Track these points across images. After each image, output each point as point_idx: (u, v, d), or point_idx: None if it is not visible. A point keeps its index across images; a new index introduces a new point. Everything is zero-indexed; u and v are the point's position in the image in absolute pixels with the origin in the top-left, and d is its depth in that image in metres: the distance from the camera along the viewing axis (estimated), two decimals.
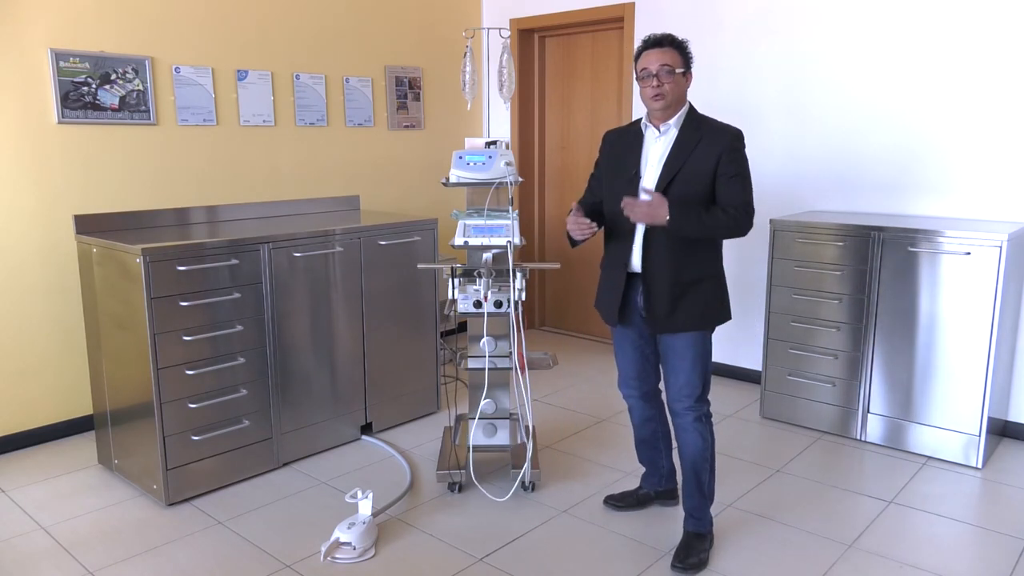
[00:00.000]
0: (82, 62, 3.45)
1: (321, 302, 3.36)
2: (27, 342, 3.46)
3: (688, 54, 2.47)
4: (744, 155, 2.45)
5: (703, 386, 2.56)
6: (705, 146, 2.42)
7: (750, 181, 2.47)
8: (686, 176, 2.42)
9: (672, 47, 2.45)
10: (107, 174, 3.60)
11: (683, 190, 2.42)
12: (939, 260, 3.24)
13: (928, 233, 3.26)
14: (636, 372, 2.71)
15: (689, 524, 2.63)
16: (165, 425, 2.91)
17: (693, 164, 2.42)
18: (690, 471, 2.59)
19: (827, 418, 3.64)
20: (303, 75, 4.29)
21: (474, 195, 3.05)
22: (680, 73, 2.44)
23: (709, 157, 2.41)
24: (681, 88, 2.46)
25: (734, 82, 4.20)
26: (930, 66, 3.59)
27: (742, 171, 2.43)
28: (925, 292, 3.29)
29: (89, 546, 2.68)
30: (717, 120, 2.52)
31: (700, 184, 2.42)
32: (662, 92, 2.42)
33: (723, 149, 2.42)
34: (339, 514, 2.87)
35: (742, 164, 2.44)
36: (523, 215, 5.29)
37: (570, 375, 4.55)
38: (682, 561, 2.53)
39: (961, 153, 3.55)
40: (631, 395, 2.77)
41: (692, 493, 2.60)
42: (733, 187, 2.41)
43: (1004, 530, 2.78)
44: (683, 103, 2.50)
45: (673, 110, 2.47)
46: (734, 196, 2.41)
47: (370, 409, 3.64)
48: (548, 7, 4.94)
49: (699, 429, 2.55)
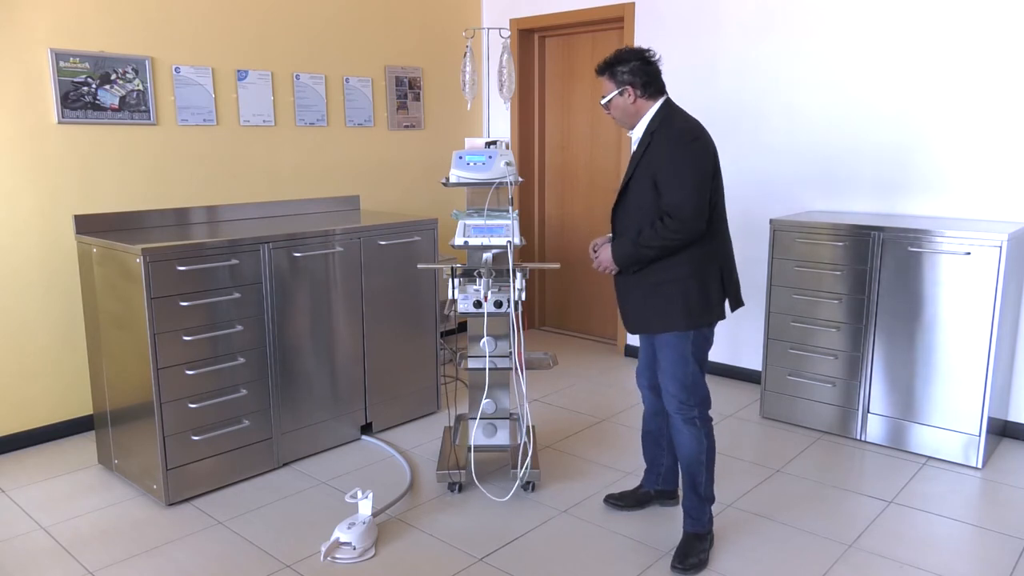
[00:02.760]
0: (82, 62, 3.45)
1: (321, 302, 3.36)
2: (27, 342, 3.46)
3: (619, 71, 2.49)
4: (685, 152, 2.40)
5: (688, 389, 2.53)
6: (653, 148, 2.46)
7: (686, 178, 2.39)
8: (639, 179, 2.48)
9: (605, 73, 2.54)
10: (107, 174, 3.60)
11: (636, 193, 2.49)
12: (939, 260, 3.24)
13: (928, 233, 3.26)
14: (646, 363, 2.76)
15: (687, 524, 2.63)
16: (165, 425, 2.91)
17: (643, 168, 2.47)
18: (685, 471, 2.61)
19: (827, 418, 3.64)
20: (303, 75, 4.29)
21: (474, 195, 3.05)
22: (616, 95, 2.51)
23: (654, 159, 2.44)
24: (623, 107, 2.53)
25: (734, 82, 4.20)
26: (930, 66, 3.59)
27: (675, 169, 2.39)
28: (925, 292, 3.29)
29: (89, 546, 2.68)
30: (677, 116, 2.50)
31: (646, 188, 2.45)
32: (613, 117, 2.61)
33: (660, 152, 2.43)
34: (339, 514, 2.87)
35: (678, 162, 2.40)
36: (523, 215, 5.30)
37: (570, 375, 4.55)
38: (681, 561, 2.53)
39: (961, 153, 3.55)
40: (642, 384, 2.81)
41: (688, 493, 2.61)
42: (665, 188, 2.40)
43: (1004, 530, 2.78)
44: (638, 115, 2.53)
45: (632, 122, 2.55)
46: (666, 198, 2.41)
47: (370, 409, 3.64)
48: (548, 7, 4.95)
49: (690, 432, 2.56)
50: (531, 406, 4.03)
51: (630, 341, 4.91)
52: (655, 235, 2.41)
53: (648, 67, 2.50)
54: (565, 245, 5.37)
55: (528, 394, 4.18)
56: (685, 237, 2.41)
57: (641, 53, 2.51)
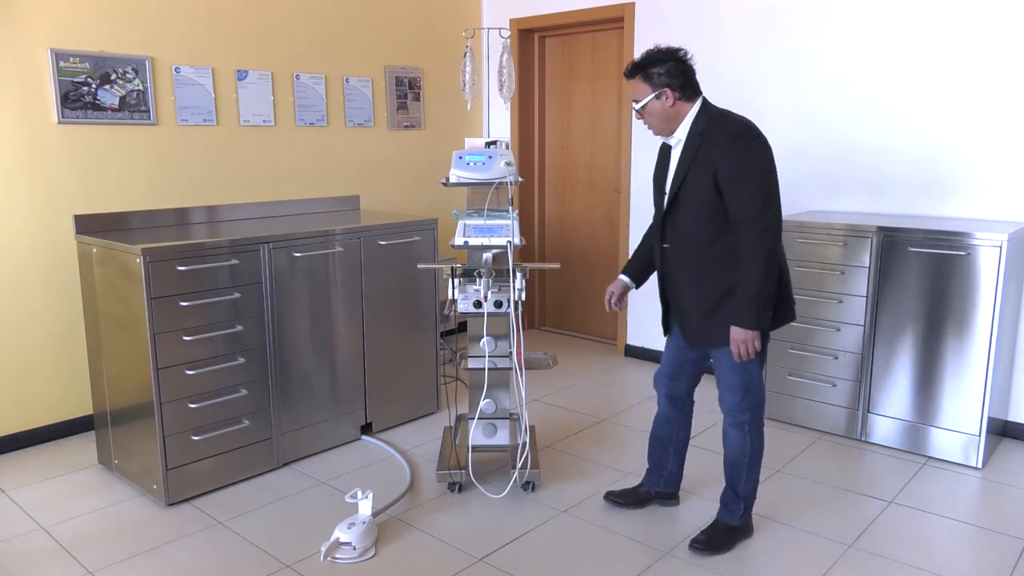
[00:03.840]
0: (82, 62, 3.45)
1: (321, 302, 3.36)
2: (27, 342, 3.46)
3: (655, 74, 2.37)
4: (748, 149, 2.30)
5: (743, 394, 2.51)
6: (705, 150, 2.35)
7: (760, 176, 2.29)
8: (690, 186, 2.38)
9: (637, 75, 2.41)
10: (107, 174, 3.60)
11: (692, 196, 2.38)
12: (939, 260, 3.24)
13: (928, 233, 3.26)
14: (670, 372, 2.75)
15: (720, 512, 2.69)
16: (165, 425, 2.91)
17: (695, 173, 2.37)
18: (727, 468, 2.64)
19: (827, 418, 3.64)
20: (303, 75, 4.29)
21: (474, 195, 3.05)
22: (653, 99, 2.39)
23: (707, 162, 2.33)
24: (659, 112, 2.40)
25: (735, 82, 4.20)
26: (930, 66, 3.59)
27: (744, 169, 2.28)
28: (925, 292, 3.29)
29: (89, 546, 2.68)
30: (728, 116, 2.40)
31: (704, 192, 2.34)
32: (646, 124, 2.47)
33: (718, 151, 2.32)
34: (339, 514, 2.87)
35: (743, 161, 2.28)
36: (523, 215, 5.29)
37: (570, 375, 4.55)
38: (702, 541, 2.59)
39: (961, 153, 3.55)
40: (660, 392, 2.80)
41: (727, 487, 2.66)
42: (736, 194, 2.29)
43: (1004, 530, 2.78)
44: (677, 119, 2.41)
45: (670, 127, 2.44)
46: (738, 207, 2.29)
47: (370, 409, 3.64)
48: (548, 7, 4.94)
49: (737, 435, 2.57)
50: (531, 406, 4.03)
51: (630, 341, 4.90)
52: (752, 261, 2.26)
53: (684, 66, 2.39)
54: (565, 245, 5.37)
55: (528, 394, 4.18)
56: (772, 242, 2.27)
57: (675, 52, 2.39)
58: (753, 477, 2.62)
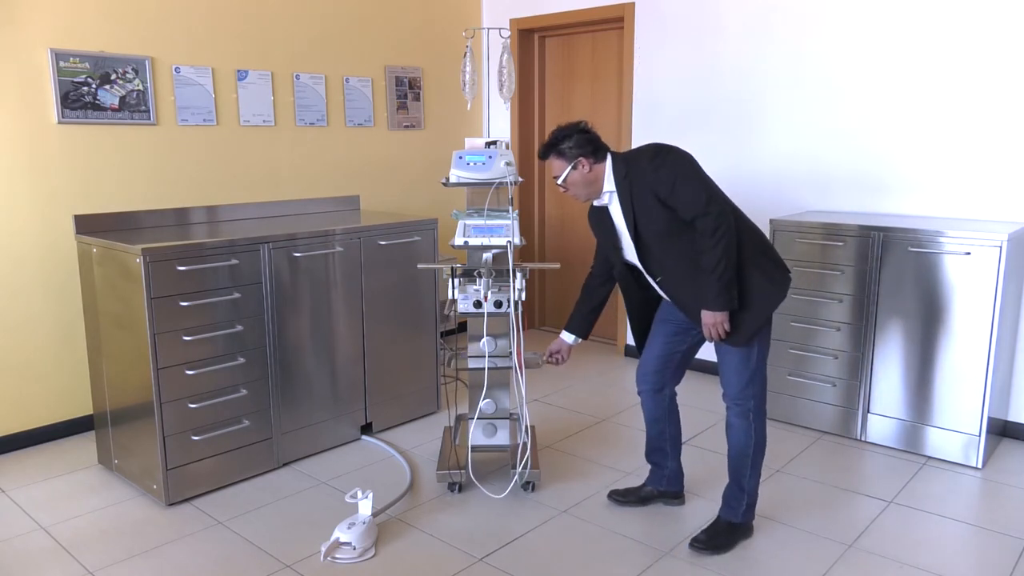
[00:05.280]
0: (82, 62, 3.45)
1: (321, 302, 3.36)
2: (27, 342, 3.46)
3: (566, 149, 2.50)
4: (670, 160, 2.43)
5: (747, 383, 2.54)
6: (637, 185, 2.46)
7: (690, 175, 2.41)
8: (644, 221, 2.47)
9: (551, 154, 2.55)
10: (107, 174, 3.60)
11: (652, 231, 2.47)
12: (939, 260, 3.24)
13: (928, 233, 3.26)
14: (656, 367, 2.76)
15: (722, 510, 2.68)
16: (165, 425, 2.91)
17: (641, 207, 2.46)
18: (731, 462, 2.65)
19: (827, 418, 3.64)
20: (303, 75, 4.29)
21: (474, 195, 3.05)
22: (571, 171, 2.51)
23: (644, 191, 2.44)
24: (581, 180, 2.52)
25: (735, 82, 4.20)
26: (930, 66, 3.59)
27: (675, 175, 2.40)
28: (925, 292, 3.29)
29: (89, 546, 2.68)
30: (638, 149, 2.53)
31: (658, 218, 2.44)
32: (572, 194, 2.58)
33: (647, 180, 2.43)
34: (339, 514, 2.87)
35: (671, 170, 2.41)
36: (523, 215, 5.29)
37: (570, 375, 4.55)
38: (703, 541, 2.59)
39: (961, 153, 3.55)
40: (644, 390, 2.81)
41: (730, 482, 2.66)
42: (680, 197, 2.39)
43: (1004, 530, 2.78)
44: (598, 180, 2.53)
45: (596, 189, 2.55)
46: (687, 207, 2.38)
47: (370, 409, 3.64)
48: (548, 7, 4.95)
49: (741, 425, 2.59)
50: (531, 406, 4.03)
51: (630, 341, 4.91)
52: (712, 250, 2.35)
53: (589, 135, 2.54)
54: (565, 245, 5.37)
55: (528, 394, 4.18)
56: (725, 228, 2.36)
57: (577, 125, 2.54)
58: (757, 471, 2.63)
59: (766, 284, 2.48)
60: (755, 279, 2.46)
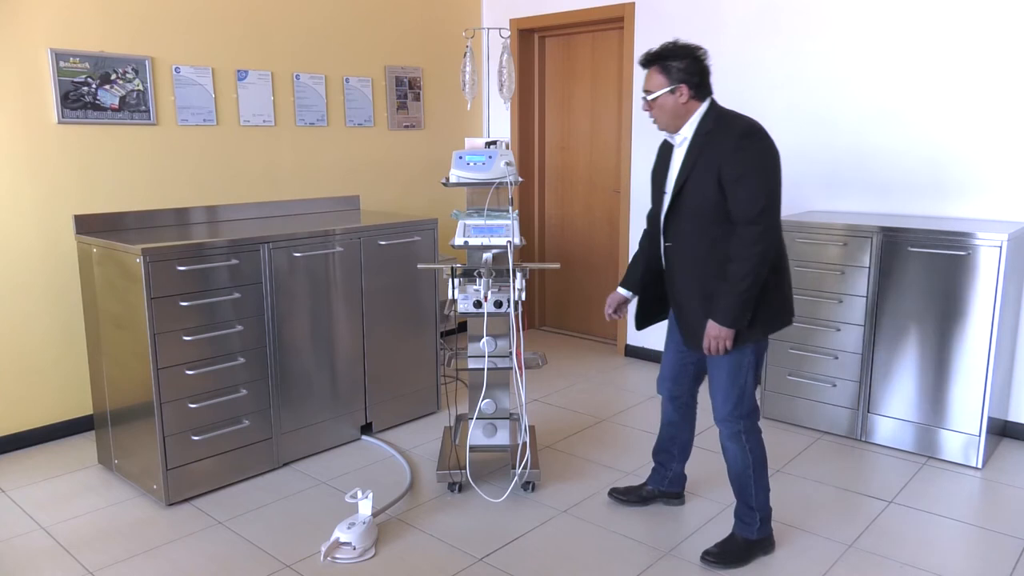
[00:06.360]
0: (82, 62, 3.45)
1: (321, 302, 3.36)
2: (27, 342, 3.46)
3: (673, 67, 2.31)
4: (753, 151, 2.26)
5: (735, 402, 2.45)
6: (709, 152, 2.31)
7: (762, 179, 2.26)
8: (693, 186, 2.34)
9: (654, 66, 2.36)
10: (107, 174, 3.60)
11: (694, 195, 2.34)
12: (939, 260, 3.24)
13: (928, 233, 3.26)
14: (672, 374, 2.73)
15: (736, 526, 2.60)
16: (165, 425, 2.91)
17: (698, 173, 2.33)
18: (733, 483, 2.56)
19: (827, 418, 3.64)
20: (303, 75, 4.29)
21: (474, 195, 3.05)
22: (666, 93, 2.33)
23: (711, 163, 2.30)
24: (670, 107, 2.35)
25: (735, 82, 4.20)
26: (930, 66, 3.59)
27: (747, 171, 2.24)
28: (925, 292, 3.29)
29: (89, 546, 2.68)
30: (735, 116, 2.36)
31: (707, 193, 2.30)
32: (653, 118, 2.42)
33: (723, 151, 2.27)
34: (339, 514, 2.87)
35: (747, 163, 2.25)
36: (523, 215, 5.30)
37: (570, 375, 4.55)
38: (715, 554, 2.52)
39: (961, 153, 3.55)
40: (663, 394, 2.78)
41: (738, 502, 2.57)
42: (737, 195, 2.25)
43: (1004, 530, 2.78)
44: (686, 116, 2.36)
45: (677, 124, 2.39)
46: (739, 207, 2.25)
47: (370, 409, 3.63)
48: (548, 7, 4.94)
49: (734, 448, 2.50)
50: (531, 406, 4.03)
51: (630, 341, 4.90)
52: (744, 261, 2.23)
53: (702, 65, 2.34)
54: (565, 245, 5.37)
55: (528, 394, 4.18)
56: (767, 246, 2.24)
57: (695, 50, 2.33)
58: (762, 486, 2.52)
59: (780, 305, 2.40)
60: (766, 302, 2.35)
